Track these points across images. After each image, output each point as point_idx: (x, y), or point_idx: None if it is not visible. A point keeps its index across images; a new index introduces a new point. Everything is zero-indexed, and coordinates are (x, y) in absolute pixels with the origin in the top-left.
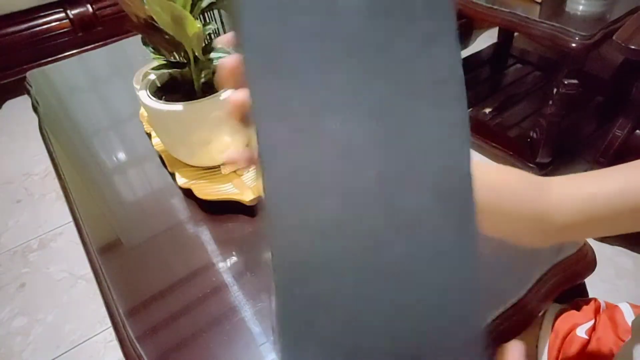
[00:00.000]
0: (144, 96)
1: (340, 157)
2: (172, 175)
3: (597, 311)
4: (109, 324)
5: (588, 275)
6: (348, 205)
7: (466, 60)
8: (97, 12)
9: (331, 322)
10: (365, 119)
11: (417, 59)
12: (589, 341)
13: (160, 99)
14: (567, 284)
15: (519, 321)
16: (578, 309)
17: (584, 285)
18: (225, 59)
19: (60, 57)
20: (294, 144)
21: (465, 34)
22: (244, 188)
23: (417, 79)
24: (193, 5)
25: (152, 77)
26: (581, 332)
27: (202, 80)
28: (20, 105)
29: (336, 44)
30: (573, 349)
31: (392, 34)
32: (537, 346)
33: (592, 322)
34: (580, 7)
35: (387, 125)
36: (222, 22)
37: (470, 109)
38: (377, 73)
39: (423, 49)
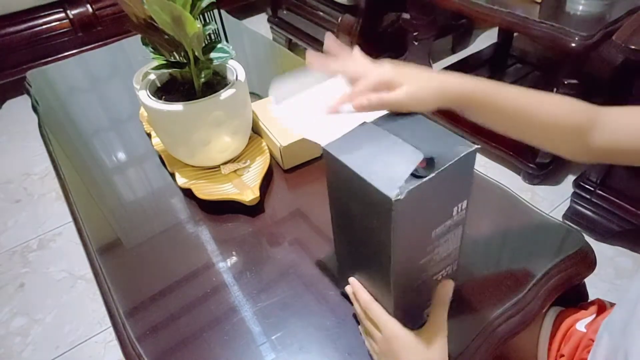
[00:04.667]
0: (144, 96)
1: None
2: (172, 175)
3: (600, 309)
4: (109, 324)
5: (588, 275)
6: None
7: (466, 60)
8: (97, 12)
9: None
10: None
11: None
12: (586, 334)
13: (160, 99)
14: (567, 284)
15: (519, 321)
16: (580, 309)
17: (584, 286)
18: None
19: (60, 57)
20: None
21: (465, 34)
22: (244, 188)
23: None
24: (193, 5)
25: (152, 77)
26: (580, 326)
27: (202, 80)
28: (20, 105)
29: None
30: (572, 342)
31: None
32: (537, 346)
33: (593, 316)
34: (580, 7)
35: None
36: (222, 22)
37: None
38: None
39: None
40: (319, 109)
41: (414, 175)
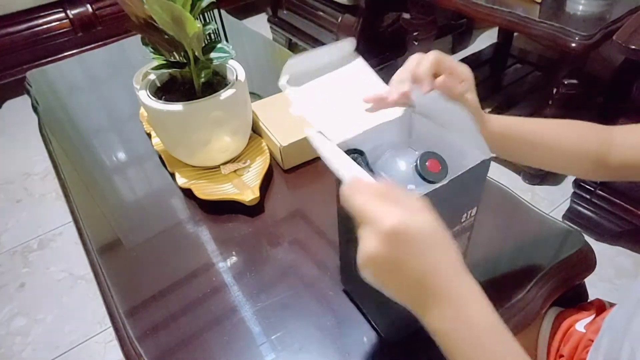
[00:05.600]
0: (144, 96)
1: None
2: (172, 175)
3: (600, 309)
4: (109, 324)
5: (588, 275)
6: None
7: (466, 60)
8: (97, 12)
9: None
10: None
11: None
12: (585, 334)
13: (160, 99)
14: (567, 284)
15: (519, 321)
16: (580, 309)
17: (584, 286)
18: None
19: (60, 57)
20: None
21: (465, 34)
22: (244, 188)
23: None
24: (193, 5)
25: (152, 77)
26: (580, 326)
27: (202, 80)
28: (20, 105)
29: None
30: (571, 342)
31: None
32: (537, 346)
33: (593, 316)
34: (580, 7)
35: None
36: (222, 22)
37: None
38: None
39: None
40: (337, 97)
41: (426, 179)
